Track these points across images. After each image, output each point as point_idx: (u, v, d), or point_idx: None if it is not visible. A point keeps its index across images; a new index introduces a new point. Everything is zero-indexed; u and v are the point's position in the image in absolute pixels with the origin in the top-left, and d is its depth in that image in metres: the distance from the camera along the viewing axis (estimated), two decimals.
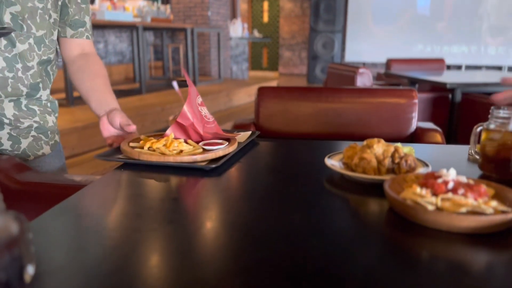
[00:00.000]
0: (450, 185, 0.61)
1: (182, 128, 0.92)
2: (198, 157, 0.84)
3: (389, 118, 1.45)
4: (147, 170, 0.83)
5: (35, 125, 1.12)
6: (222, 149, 0.89)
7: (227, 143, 0.93)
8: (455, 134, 2.65)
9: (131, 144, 0.91)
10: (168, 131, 0.92)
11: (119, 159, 0.86)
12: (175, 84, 0.97)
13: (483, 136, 0.82)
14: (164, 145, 0.87)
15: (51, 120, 1.17)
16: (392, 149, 0.78)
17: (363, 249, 0.54)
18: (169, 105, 4.55)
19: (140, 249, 0.53)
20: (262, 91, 1.55)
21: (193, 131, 0.92)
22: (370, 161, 0.76)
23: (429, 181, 0.62)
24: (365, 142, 0.81)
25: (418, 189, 0.61)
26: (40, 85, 1.11)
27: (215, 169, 0.82)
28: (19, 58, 1.04)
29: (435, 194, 0.61)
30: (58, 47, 1.18)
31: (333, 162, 0.83)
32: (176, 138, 0.91)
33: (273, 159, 1.01)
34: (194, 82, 6.38)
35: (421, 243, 0.57)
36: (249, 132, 1.09)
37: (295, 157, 1.00)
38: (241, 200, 0.72)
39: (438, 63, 3.94)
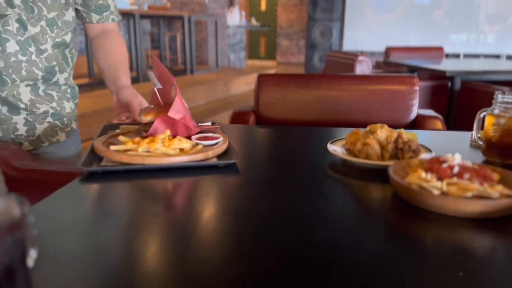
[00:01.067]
0: (456, 169, 0.60)
1: (168, 122, 0.79)
2: (210, 153, 0.76)
3: (389, 105, 1.45)
4: (147, 173, 0.73)
5: (51, 111, 1.10)
6: (222, 142, 0.81)
7: (220, 136, 0.83)
8: (454, 122, 2.65)
9: (112, 147, 0.75)
10: (158, 128, 0.78)
11: (112, 166, 0.72)
12: (151, 74, 0.89)
13: (487, 121, 0.82)
14: (162, 144, 0.75)
15: (69, 106, 1.15)
16: (395, 134, 0.78)
17: (368, 235, 0.53)
18: None
19: (144, 234, 0.53)
20: (262, 79, 1.54)
21: (183, 126, 0.81)
22: (373, 146, 0.75)
23: (434, 165, 0.61)
24: (368, 128, 0.80)
25: (423, 174, 0.61)
26: (56, 68, 1.09)
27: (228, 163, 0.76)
28: (31, 41, 1.02)
29: (440, 178, 0.60)
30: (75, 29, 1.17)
31: (336, 148, 0.82)
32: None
33: (274, 146, 1.00)
34: (191, 71, 6.33)
35: (426, 228, 0.56)
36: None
37: (296, 144, 0.99)
38: (244, 186, 0.71)
39: (437, 51, 3.92)
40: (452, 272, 0.44)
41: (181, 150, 0.77)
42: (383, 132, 0.77)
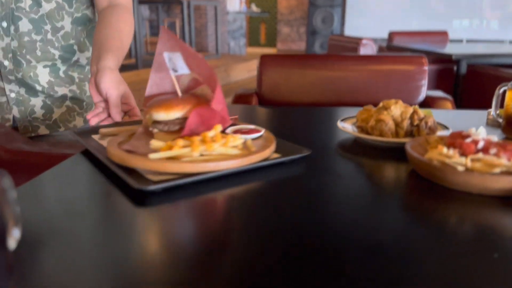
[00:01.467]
0: (480, 144, 0.55)
1: (205, 116, 0.61)
2: (267, 151, 0.61)
3: (397, 86, 1.39)
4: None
5: (70, 94, 1.03)
6: (266, 134, 0.69)
7: (258, 127, 0.70)
8: (460, 107, 2.59)
9: (153, 155, 0.55)
10: (194, 125, 0.60)
11: (174, 180, 0.53)
12: (169, 56, 0.66)
13: (508, 96, 0.77)
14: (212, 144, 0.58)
15: None
16: (410, 110, 0.73)
17: (386, 216, 0.49)
18: None
19: (134, 216, 0.48)
20: (264, 60, 1.48)
21: (221, 118, 0.64)
22: (387, 123, 0.70)
23: (457, 140, 0.56)
24: (381, 104, 0.75)
25: (444, 149, 0.56)
26: (75, 47, 1.01)
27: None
28: (46, 18, 0.95)
29: (463, 154, 0.55)
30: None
31: (346, 125, 0.77)
32: (195, 133, 0.61)
33: (280, 126, 0.95)
34: None
35: (450, 207, 0.51)
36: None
37: (303, 124, 0.94)
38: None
39: (441, 36, 3.84)
40: (484, 254, 0.40)
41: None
42: (397, 108, 0.72)
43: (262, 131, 0.69)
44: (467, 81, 2.60)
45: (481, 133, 0.57)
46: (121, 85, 0.80)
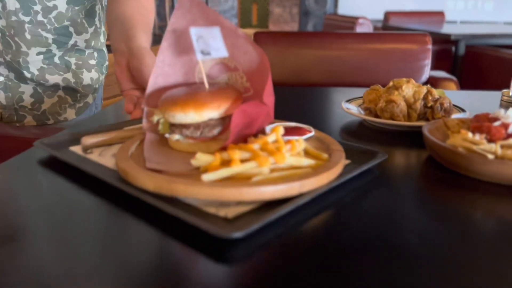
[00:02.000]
0: (511, 128, 0.48)
1: (251, 114, 0.47)
2: (343, 159, 0.47)
3: (399, 66, 1.31)
4: None
5: (63, 84, 0.92)
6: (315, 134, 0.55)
7: (294, 124, 0.57)
8: (461, 88, 2.52)
9: (207, 176, 0.39)
10: (239, 125, 0.44)
11: (239, 216, 0.37)
12: (199, 31, 0.47)
13: None
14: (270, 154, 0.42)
15: (88, 77, 0.95)
16: (424, 90, 0.65)
17: (403, 212, 0.42)
18: None
19: (116, 209, 0.40)
20: (258, 37, 1.39)
21: (267, 115, 0.50)
22: (399, 104, 0.63)
23: (484, 124, 0.49)
24: (391, 83, 0.67)
25: (469, 135, 0.48)
26: (71, 29, 0.88)
27: None
28: None
29: (491, 140, 0.48)
30: None
31: (351, 107, 0.70)
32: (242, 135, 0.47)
33: (275, 109, 0.87)
34: None
35: (478, 200, 0.44)
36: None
37: (301, 106, 0.86)
38: None
39: (437, 16, 3.75)
40: None
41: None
42: (409, 88, 0.65)
43: (313, 131, 0.54)
44: (465, 62, 2.53)
45: (511, 116, 0.50)
46: None
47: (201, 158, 0.41)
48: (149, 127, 0.52)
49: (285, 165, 0.42)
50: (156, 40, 0.75)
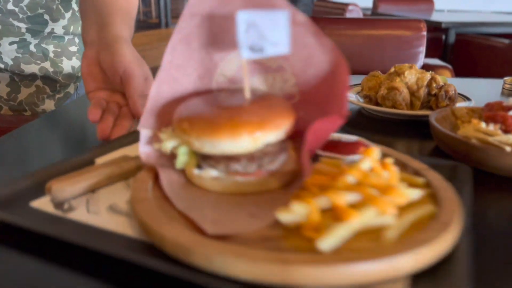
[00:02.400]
0: None
1: (320, 130, 0.33)
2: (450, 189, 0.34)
3: (393, 53, 1.27)
4: None
5: (40, 73, 0.85)
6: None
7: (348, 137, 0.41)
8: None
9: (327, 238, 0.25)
10: (313, 150, 0.34)
11: None
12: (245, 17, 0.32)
13: None
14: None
15: (69, 65, 0.87)
16: (428, 76, 0.61)
17: None
18: (141, 47, 4.23)
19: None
20: None
21: (331, 127, 0.34)
22: (401, 92, 0.59)
23: (499, 114, 0.45)
24: (393, 69, 0.63)
25: (483, 125, 0.45)
26: (46, 16, 0.81)
27: None
28: None
29: (507, 131, 0.44)
30: None
31: (349, 94, 0.65)
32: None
33: None
34: (166, 24, 5.97)
35: (492, 198, 0.41)
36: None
37: None
38: None
39: (426, 4, 3.72)
40: None
41: None
42: (412, 74, 0.61)
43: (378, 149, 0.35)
44: (455, 50, 2.51)
45: None
46: (144, 65, 0.54)
47: (298, 210, 0.27)
48: (156, 159, 0.36)
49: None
50: (140, 26, 0.66)
